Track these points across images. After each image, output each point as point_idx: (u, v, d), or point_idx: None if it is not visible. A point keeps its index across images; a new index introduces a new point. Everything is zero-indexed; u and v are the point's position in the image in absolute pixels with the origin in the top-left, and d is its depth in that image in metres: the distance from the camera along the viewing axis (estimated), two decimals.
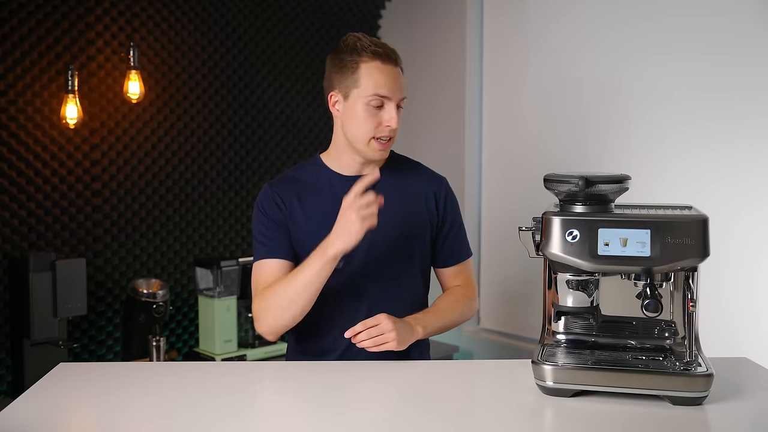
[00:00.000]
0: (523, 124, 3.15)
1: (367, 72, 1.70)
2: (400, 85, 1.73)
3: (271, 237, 1.79)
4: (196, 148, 3.14)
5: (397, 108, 1.73)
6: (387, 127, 1.71)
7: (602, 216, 1.40)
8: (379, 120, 1.71)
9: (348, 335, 1.67)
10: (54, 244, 2.75)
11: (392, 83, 1.71)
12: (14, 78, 2.65)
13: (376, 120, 1.71)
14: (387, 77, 1.71)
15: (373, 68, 1.70)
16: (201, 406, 1.38)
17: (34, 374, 2.46)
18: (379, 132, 1.72)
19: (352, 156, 1.80)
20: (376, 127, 1.71)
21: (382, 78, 1.70)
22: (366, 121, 1.71)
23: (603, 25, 2.83)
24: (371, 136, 1.72)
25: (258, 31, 3.32)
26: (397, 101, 1.72)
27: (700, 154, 2.53)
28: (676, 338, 1.47)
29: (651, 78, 2.67)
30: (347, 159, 1.81)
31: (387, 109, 1.71)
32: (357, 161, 1.81)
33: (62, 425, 1.34)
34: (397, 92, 1.72)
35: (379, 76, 1.70)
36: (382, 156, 1.76)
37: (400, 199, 1.82)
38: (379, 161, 1.79)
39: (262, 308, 1.72)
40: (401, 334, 1.68)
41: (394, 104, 1.72)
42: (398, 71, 1.74)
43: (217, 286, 2.93)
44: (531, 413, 1.35)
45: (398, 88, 1.72)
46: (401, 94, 1.73)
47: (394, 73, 1.72)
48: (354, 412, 1.36)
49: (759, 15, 2.38)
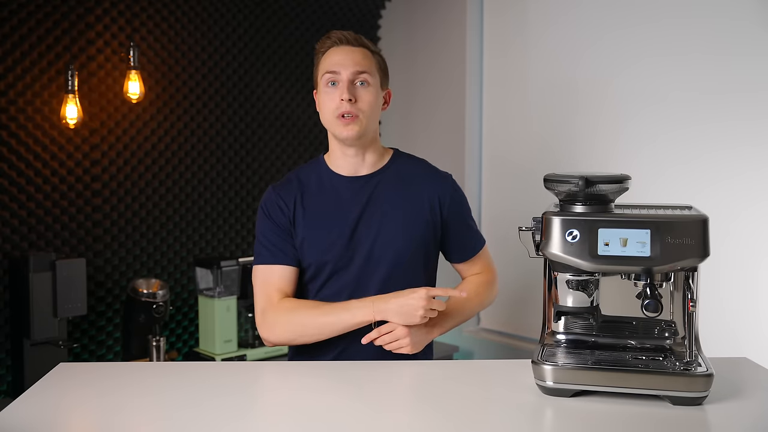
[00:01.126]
0: (523, 124, 3.15)
1: (324, 59, 1.79)
2: (353, 60, 1.76)
3: (275, 242, 1.81)
4: (196, 148, 3.14)
5: (357, 85, 1.76)
6: (342, 102, 1.74)
7: (602, 216, 1.40)
8: (335, 97, 1.76)
9: (365, 342, 1.70)
10: (54, 244, 2.75)
11: (342, 59, 1.76)
12: (14, 78, 2.65)
13: (334, 98, 1.76)
14: (338, 55, 1.77)
15: (330, 53, 1.79)
16: (201, 407, 1.38)
17: (34, 374, 2.46)
18: (338, 109, 1.75)
19: (343, 152, 1.82)
20: (335, 105, 1.75)
21: (335, 57, 1.77)
22: (326, 101, 1.78)
23: (603, 26, 2.83)
24: (333, 115, 1.76)
25: (258, 31, 3.32)
26: (348, 75, 1.75)
27: (700, 155, 2.53)
28: (676, 338, 1.47)
29: (651, 79, 2.67)
30: (341, 157, 1.83)
31: (340, 85, 1.76)
32: (350, 159, 1.82)
33: (62, 425, 1.33)
34: (347, 66, 1.75)
35: (332, 57, 1.78)
36: (349, 134, 1.75)
37: (403, 200, 1.82)
38: (348, 140, 1.78)
39: (278, 322, 1.75)
40: (415, 338, 1.70)
41: (346, 79, 1.75)
42: (354, 49, 1.78)
43: (217, 286, 2.93)
44: (531, 413, 1.35)
45: (350, 63, 1.75)
46: (355, 68, 1.75)
47: (346, 50, 1.77)
48: (354, 412, 1.36)
49: (758, 16, 2.38)
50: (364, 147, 1.82)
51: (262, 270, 1.80)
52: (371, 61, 1.79)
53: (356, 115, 1.75)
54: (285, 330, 1.74)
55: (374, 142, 1.84)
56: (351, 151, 1.81)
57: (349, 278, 1.79)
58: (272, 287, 1.78)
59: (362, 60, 1.77)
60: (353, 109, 1.74)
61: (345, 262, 1.79)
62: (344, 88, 1.74)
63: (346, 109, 1.74)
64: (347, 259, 1.79)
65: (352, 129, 1.75)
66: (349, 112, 1.74)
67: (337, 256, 1.78)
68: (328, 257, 1.79)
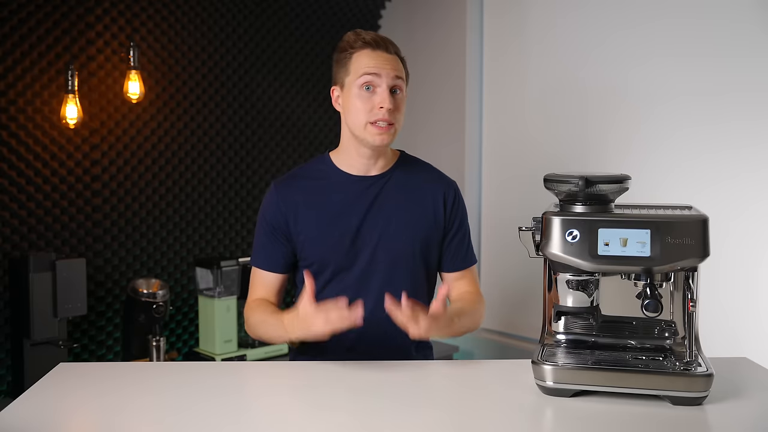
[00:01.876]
0: (523, 124, 3.15)
1: (357, 59, 1.74)
2: (392, 66, 1.73)
3: (265, 246, 1.84)
4: (196, 148, 3.14)
5: (393, 93, 1.73)
6: (381, 109, 1.70)
7: (602, 216, 1.40)
8: (372, 103, 1.72)
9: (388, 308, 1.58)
10: (54, 244, 2.75)
11: (381, 64, 1.72)
12: (14, 78, 2.65)
13: (370, 103, 1.72)
14: (375, 60, 1.73)
15: (363, 55, 1.74)
16: (201, 407, 1.38)
17: (34, 374, 2.46)
18: (374, 115, 1.71)
19: (360, 150, 1.79)
20: (370, 110, 1.71)
21: (371, 61, 1.72)
22: (360, 105, 1.72)
23: (603, 27, 2.83)
24: (367, 120, 1.72)
25: (258, 31, 3.32)
26: (388, 81, 1.72)
27: (700, 155, 2.53)
28: (676, 338, 1.47)
29: (651, 80, 2.67)
30: (355, 157, 1.80)
31: (379, 91, 1.71)
32: (364, 160, 1.80)
33: (62, 425, 1.33)
34: (388, 71, 1.72)
35: (368, 60, 1.73)
36: (382, 142, 1.73)
37: (407, 202, 1.81)
38: (381, 148, 1.77)
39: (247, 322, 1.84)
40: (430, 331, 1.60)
41: (386, 85, 1.71)
42: (390, 57, 1.75)
43: (217, 286, 2.93)
44: (531, 413, 1.35)
45: (390, 69, 1.72)
46: (393, 74, 1.72)
47: (384, 56, 1.74)
48: (354, 412, 1.36)
49: (760, 17, 2.38)
50: (383, 152, 1.81)
51: (252, 271, 1.89)
52: (402, 68, 1.78)
53: (392, 123, 1.73)
54: (251, 331, 1.83)
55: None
56: (368, 153, 1.79)
57: (352, 279, 1.79)
58: (254, 287, 1.86)
59: (398, 66, 1.75)
60: (390, 117, 1.72)
61: (348, 263, 1.78)
62: (385, 95, 1.70)
63: (384, 117, 1.71)
64: (350, 259, 1.78)
65: (387, 137, 1.73)
66: (387, 120, 1.71)
67: (340, 256, 1.78)
68: (331, 256, 1.78)
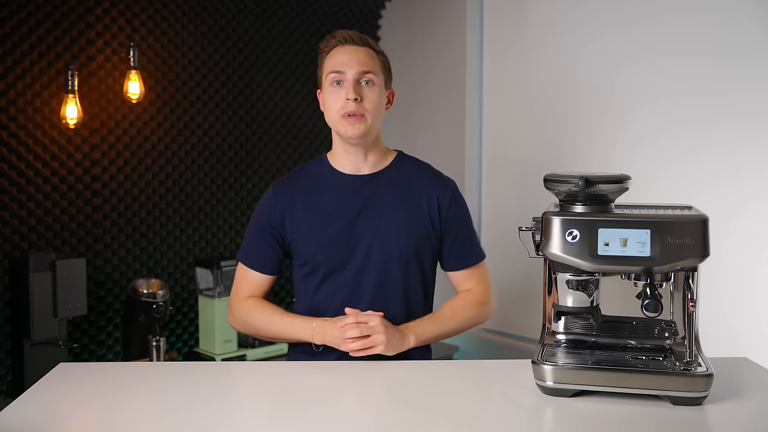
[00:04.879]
0: (523, 124, 3.15)
1: (329, 58, 1.80)
2: (358, 60, 1.77)
3: (255, 244, 1.88)
4: (196, 148, 3.14)
5: (362, 84, 1.76)
6: (347, 101, 1.74)
7: (602, 216, 1.40)
8: (340, 97, 1.76)
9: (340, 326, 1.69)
10: (54, 244, 2.75)
11: (347, 58, 1.77)
12: (14, 78, 2.65)
13: (339, 97, 1.76)
14: (343, 54, 1.78)
15: (334, 53, 1.79)
16: (201, 407, 1.38)
17: (34, 374, 2.46)
18: (343, 108, 1.76)
19: (346, 150, 1.83)
20: (339, 103, 1.76)
21: (339, 57, 1.78)
22: (331, 100, 1.78)
23: (603, 27, 2.83)
24: (338, 114, 1.77)
25: (258, 31, 3.32)
26: (354, 75, 1.75)
27: (700, 155, 2.53)
28: (676, 338, 1.47)
29: (651, 79, 2.67)
30: (344, 155, 1.84)
31: (345, 84, 1.76)
32: (352, 158, 1.83)
33: (62, 425, 1.34)
34: (353, 66, 1.76)
35: (337, 56, 1.78)
36: (354, 132, 1.76)
37: (401, 201, 1.82)
38: (354, 139, 1.78)
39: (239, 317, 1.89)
40: (391, 340, 1.69)
41: (352, 78, 1.75)
42: (358, 49, 1.78)
43: (217, 286, 2.94)
44: (531, 413, 1.35)
45: (355, 63, 1.76)
46: (359, 68, 1.76)
47: (351, 50, 1.78)
48: (354, 412, 1.36)
49: (758, 16, 2.38)
50: (367, 146, 1.82)
51: (239, 268, 1.92)
52: (376, 61, 1.80)
53: (361, 114, 1.76)
54: (243, 326, 1.89)
55: (377, 142, 1.85)
56: (354, 150, 1.82)
57: (347, 278, 1.79)
58: (241, 285, 1.90)
59: (367, 59, 1.78)
60: (358, 108, 1.75)
61: (342, 261, 1.79)
62: (350, 87, 1.75)
63: (352, 109, 1.75)
64: (344, 257, 1.79)
65: (358, 128, 1.76)
66: (355, 111, 1.75)
67: (335, 255, 1.79)
68: (324, 255, 1.79)
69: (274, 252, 1.86)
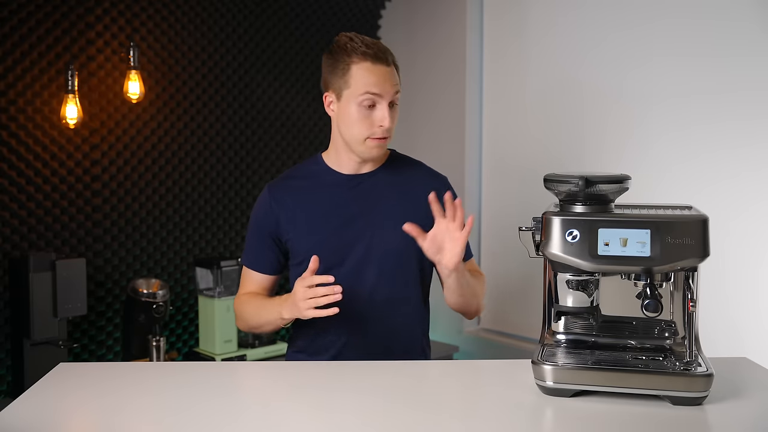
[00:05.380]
0: (523, 124, 3.15)
1: (357, 73, 1.70)
2: (392, 82, 1.72)
3: (254, 247, 1.88)
4: (196, 148, 3.14)
5: (391, 105, 1.73)
6: (381, 128, 1.71)
7: (602, 216, 1.40)
8: (372, 120, 1.71)
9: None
10: (54, 244, 2.75)
11: (383, 82, 1.70)
12: (14, 78, 2.65)
13: (370, 120, 1.71)
14: (377, 76, 1.70)
15: (364, 69, 1.70)
16: (201, 407, 1.38)
17: (34, 374, 2.46)
18: (374, 133, 1.72)
19: (350, 155, 1.81)
20: (369, 127, 1.72)
21: (373, 78, 1.70)
22: (359, 121, 1.72)
23: (602, 28, 2.83)
24: (366, 136, 1.73)
25: (258, 31, 3.32)
26: (389, 99, 1.72)
27: (700, 155, 2.53)
28: (676, 338, 1.47)
29: (651, 79, 2.67)
30: (345, 158, 1.82)
31: (379, 108, 1.71)
32: (355, 160, 1.81)
33: (62, 425, 1.33)
34: (388, 90, 1.71)
35: (370, 76, 1.70)
36: (378, 153, 1.76)
37: (398, 199, 1.82)
38: (376, 159, 1.79)
39: (237, 315, 1.90)
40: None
41: (386, 103, 1.71)
42: (390, 70, 1.73)
43: (217, 286, 2.94)
44: (531, 413, 1.35)
45: (390, 86, 1.71)
46: (393, 91, 1.72)
47: (385, 71, 1.71)
48: (353, 412, 1.36)
49: (758, 17, 2.38)
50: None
51: (243, 268, 1.93)
52: (398, 79, 1.77)
53: (388, 136, 1.74)
54: (242, 324, 1.89)
55: None
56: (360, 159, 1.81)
57: (344, 276, 1.79)
58: (245, 286, 1.91)
59: (396, 80, 1.74)
60: (387, 132, 1.73)
61: (339, 260, 1.79)
62: (386, 113, 1.71)
63: (383, 134, 1.72)
64: (341, 256, 1.79)
65: (381, 149, 1.76)
66: (385, 135, 1.73)
67: (331, 254, 1.79)
68: (322, 254, 1.79)
69: (273, 253, 1.86)
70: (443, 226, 1.62)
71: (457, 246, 1.61)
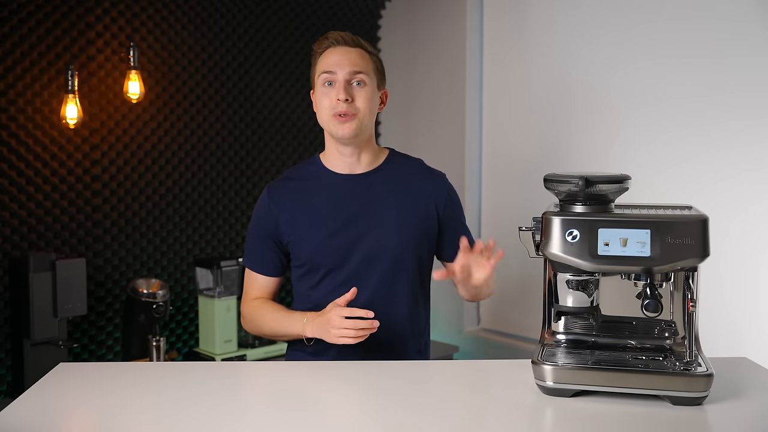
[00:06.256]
0: (523, 124, 3.15)
1: (320, 60, 1.82)
2: (350, 60, 1.78)
3: (257, 249, 1.89)
4: (196, 148, 3.14)
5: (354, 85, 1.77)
6: (338, 102, 1.75)
7: (602, 216, 1.40)
8: (332, 97, 1.78)
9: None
10: (54, 244, 2.75)
11: (339, 59, 1.78)
12: (14, 78, 2.65)
13: (330, 98, 1.78)
14: (335, 55, 1.79)
15: (326, 54, 1.81)
16: (201, 407, 1.38)
17: (34, 374, 2.46)
18: (334, 108, 1.77)
19: (339, 151, 1.83)
20: (330, 104, 1.77)
21: (331, 57, 1.79)
22: (322, 101, 1.79)
23: (603, 28, 2.83)
24: (330, 114, 1.78)
25: (258, 31, 3.32)
26: (345, 75, 1.77)
27: (699, 155, 2.53)
28: (676, 338, 1.47)
29: (651, 79, 2.67)
30: (337, 156, 1.84)
31: (336, 85, 1.77)
32: (346, 158, 1.83)
33: (62, 425, 1.34)
34: (344, 67, 1.77)
35: (329, 57, 1.80)
36: (344, 132, 1.77)
37: (397, 198, 1.82)
38: (345, 139, 1.78)
39: (246, 318, 1.92)
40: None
41: (342, 78, 1.76)
42: (350, 50, 1.80)
43: (217, 286, 2.93)
44: (531, 413, 1.35)
45: (347, 64, 1.77)
46: (350, 68, 1.77)
47: (343, 51, 1.79)
48: (354, 412, 1.36)
49: (757, 17, 2.38)
50: (359, 146, 1.82)
51: (246, 273, 1.93)
52: (368, 62, 1.80)
53: (353, 114, 1.76)
54: (252, 327, 1.90)
55: (370, 141, 1.85)
56: (347, 150, 1.82)
57: (345, 277, 1.79)
58: (249, 287, 1.92)
59: (359, 60, 1.79)
60: (350, 108, 1.76)
61: (339, 261, 1.79)
62: (341, 87, 1.76)
63: (343, 109, 1.76)
64: (341, 257, 1.79)
65: (349, 128, 1.77)
66: (346, 111, 1.76)
67: (331, 255, 1.79)
68: (322, 256, 1.80)
69: (275, 254, 1.86)
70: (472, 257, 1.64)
71: (485, 273, 1.63)
